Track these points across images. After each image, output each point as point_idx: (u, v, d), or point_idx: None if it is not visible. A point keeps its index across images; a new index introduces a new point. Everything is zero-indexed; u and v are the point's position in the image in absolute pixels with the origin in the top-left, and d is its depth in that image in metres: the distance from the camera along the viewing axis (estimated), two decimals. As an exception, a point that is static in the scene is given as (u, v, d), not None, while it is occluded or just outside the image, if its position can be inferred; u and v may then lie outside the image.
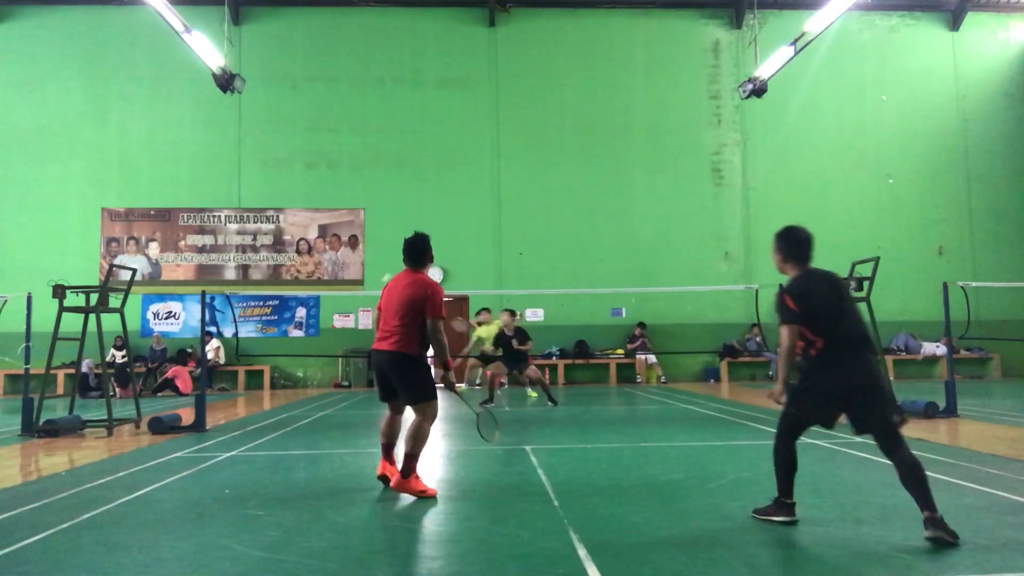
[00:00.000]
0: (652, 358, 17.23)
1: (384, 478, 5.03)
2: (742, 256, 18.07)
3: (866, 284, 8.89)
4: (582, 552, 3.44)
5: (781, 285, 4.05)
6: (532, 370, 11.82)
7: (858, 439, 7.04)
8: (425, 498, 4.66)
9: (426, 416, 4.83)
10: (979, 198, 18.53)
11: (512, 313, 11.68)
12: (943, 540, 3.46)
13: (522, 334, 11.58)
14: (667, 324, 17.59)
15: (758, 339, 16.81)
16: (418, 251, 5.04)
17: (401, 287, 4.91)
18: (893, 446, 3.74)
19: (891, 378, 9.76)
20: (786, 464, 4.06)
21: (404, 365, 4.83)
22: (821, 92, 18.44)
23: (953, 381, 9.32)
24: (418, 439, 4.75)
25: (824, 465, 5.80)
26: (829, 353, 3.85)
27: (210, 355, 16.10)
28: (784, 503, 4.01)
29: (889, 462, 3.75)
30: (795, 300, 3.91)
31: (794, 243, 4.10)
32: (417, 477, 4.75)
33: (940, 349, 16.72)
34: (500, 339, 11.66)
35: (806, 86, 18.17)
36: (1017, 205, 18.61)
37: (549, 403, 11.37)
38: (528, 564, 3.31)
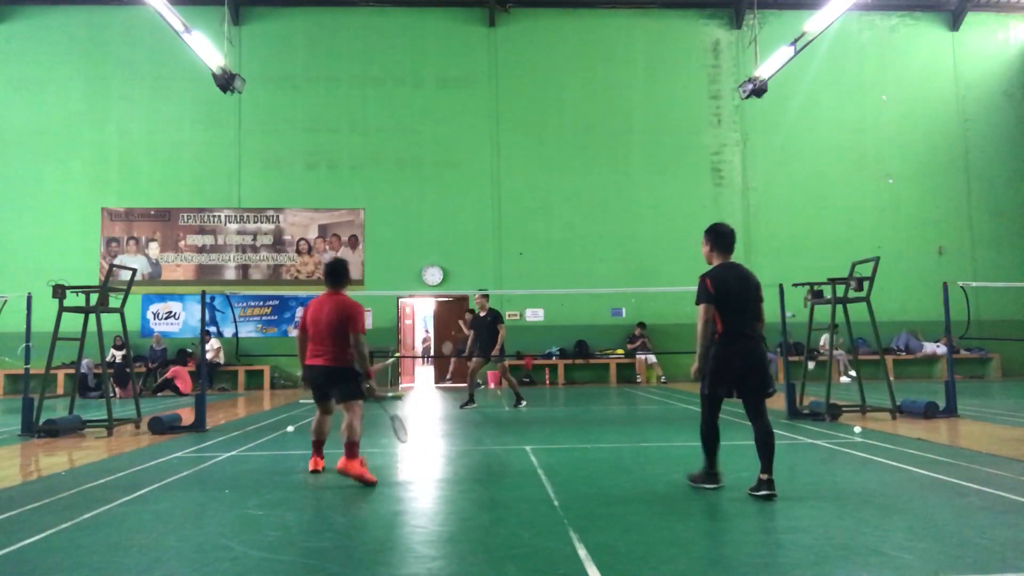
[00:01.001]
0: (652, 358, 17.22)
1: (316, 472, 5.72)
2: (742, 256, 18.04)
3: (866, 284, 8.89)
4: (582, 552, 3.44)
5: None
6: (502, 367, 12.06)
7: (858, 440, 7.07)
8: (367, 485, 5.13)
9: (355, 414, 5.45)
10: (979, 198, 18.53)
11: (485, 295, 11.66)
12: (766, 495, 4.47)
13: (497, 316, 11.40)
14: (667, 324, 17.57)
15: (758, 339, 16.77)
16: (337, 273, 5.68)
17: (327, 310, 5.51)
18: (759, 415, 4.72)
19: (891, 378, 9.75)
20: (711, 441, 4.84)
21: (338, 376, 5.53)
22: (821, 92, 18.44)
23: (953, 381, 9.33)
24: (352, 431, 5.38)
25: (824, 465, 5.81)
26: (726, 337, 4.73)
27: (210, 355, 16.11)
28: (711, 472, 4.80)
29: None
30: (713, 284, 4.80)
31: (720, 236, 4.97)
32: (362, 463, 5.30)
33: (940, 349, 16.75)
34: (476, 322, 11.56)
35: (806, 86, 18.17)
36: (1017, 205, 18.60)
37: (518, 404, 11.31)
38: (528, 564, 3.31)
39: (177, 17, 12.32)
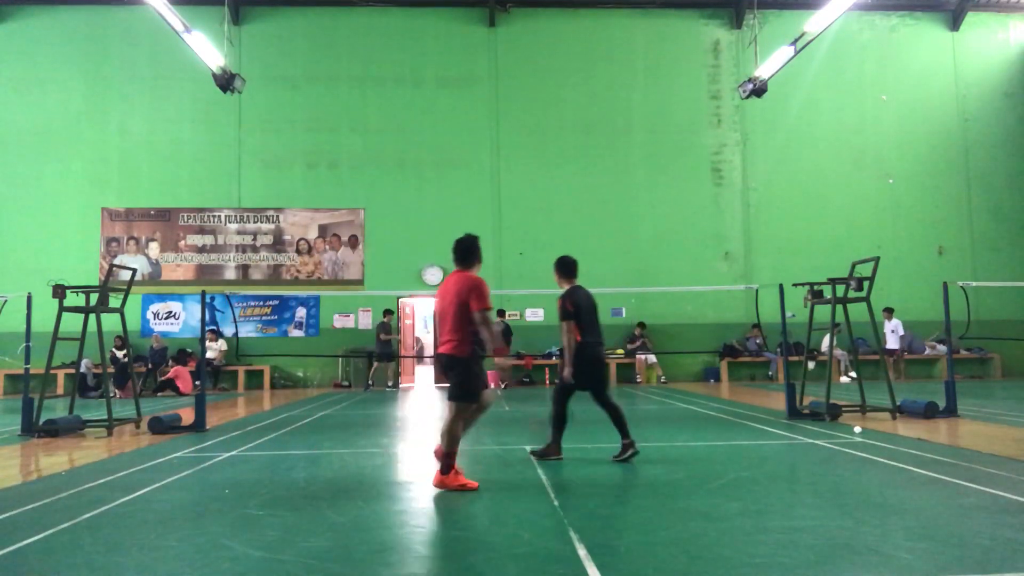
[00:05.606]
0: (652, 358, 17.22)
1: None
2: (742, 256, 18.07)
3: (866, 284, 8.89)
4: (582, 552, 3.43)
5: (562, 295, 6.23)
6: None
7: (858, 439, 7.07)
8: (467, 491, 4.88)
9: (455, 416, 5.09)
10: (979, 198, 18.53)
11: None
12: (633, 454, 5.97)
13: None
14: (667, 324, 17.58)
15: (758, 339, 16.80)
16: (465, 250, 5.34)
17: (448, 289, 5.22)
18: (604, 400, 6.14)
19: (894, 377, 9.76)
20: (562, 421, 6.18)
21: (450, 366, 5.16)
22: (821, 92, 18.44)
23: (953, 381, 9.32)
24: (447, 437, 5.01)
25: (824, 465, 5.80)
26: (584, 342, 6.04)
27: (215, 355, 16.15)
28: (559, 446, 6.15)
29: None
30: (572, 304, 6.10)
31: (567, 266, 6.37)
32: (458, 471, 4.97)
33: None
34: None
35: (806, 86, 18.17)
36: (1017, 205, 18.61)
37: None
38: (528, 564, 3.31)
39: (177, 17, 12.32)
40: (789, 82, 17.19)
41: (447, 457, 4.96)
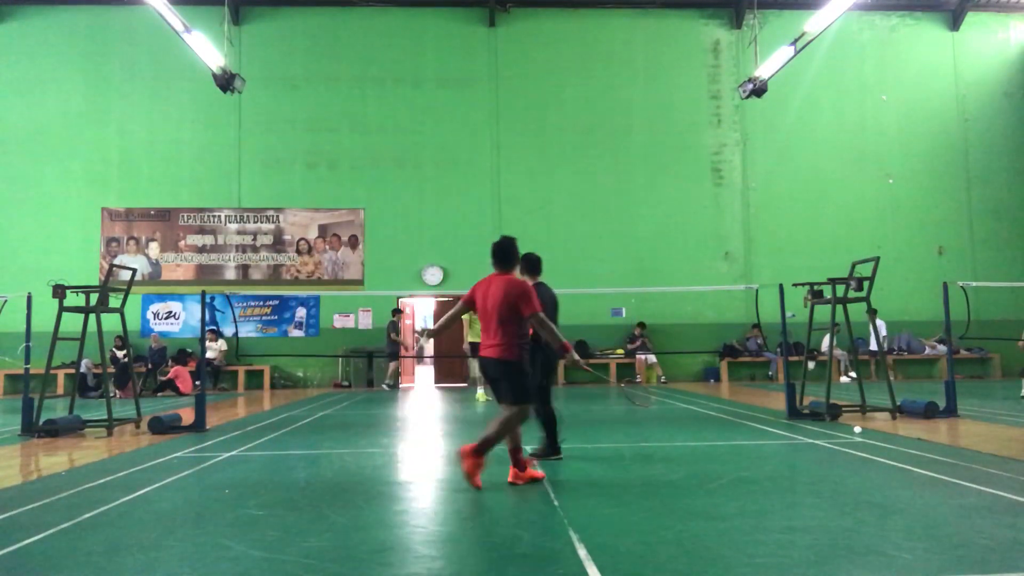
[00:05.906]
0: (652, 358, 17.22)
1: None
2: (742, 256, 18.07)
3: (866, 284, 8.89)
4: (582, 552, 3.43)
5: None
6: None
7: (858, 439, 7.07)
8: (535, 480, 5.10)
9: (517, 417, 5.12)
10: (979, 198, 18.53)
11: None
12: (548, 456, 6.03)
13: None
14: (667, 324, 17.58)
15: (758, 339, 16.80)
16: (504, 252, 5.28)
17: (492, 291, 5.15)
18: (547, 399, 6.14)
19: (892, 378, 9.76)
20: (553, 422, 6.11)
21: (504, 370, 5.13)
22: (821, 92, 18.44)
23: (953, 381, 9.32)
24: (515, 435, 5.15)
25: (824, 465, 5.80)
26: (536, 341, 5.69)
27: (214, 355, 16.15)
28: (556, 446, 6.12)
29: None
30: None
31: (532, 263, 6.26)
32: (529, 464, 5.15)
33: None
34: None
35: (806, 86, 18.18)
36: (1017, 205, 18.61)
37: None
38: (528, 564, 3.31)
39: (177, 17, 12.32)
40: (789, 82, 17.19)
41: (515, 452, 5.12)
